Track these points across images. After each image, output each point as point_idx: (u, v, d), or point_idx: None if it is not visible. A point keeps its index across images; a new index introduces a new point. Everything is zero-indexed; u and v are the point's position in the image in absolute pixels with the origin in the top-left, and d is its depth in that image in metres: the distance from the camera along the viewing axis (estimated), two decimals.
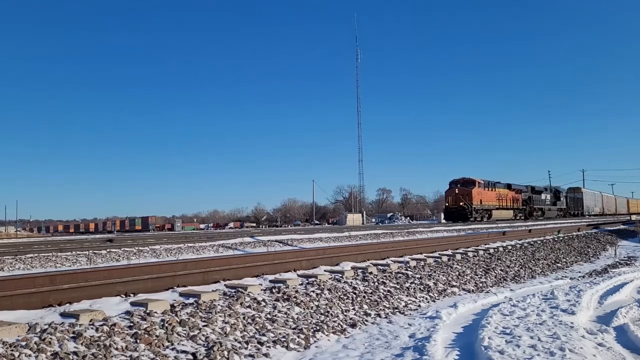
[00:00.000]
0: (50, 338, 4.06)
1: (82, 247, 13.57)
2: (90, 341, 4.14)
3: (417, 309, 6.94)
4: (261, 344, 4.75)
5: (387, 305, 6.87)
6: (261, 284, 6.87)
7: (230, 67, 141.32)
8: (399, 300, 7.25)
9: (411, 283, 8.26)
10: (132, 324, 4.64)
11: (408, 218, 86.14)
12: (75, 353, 3.90)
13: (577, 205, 72.73)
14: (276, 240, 17.29)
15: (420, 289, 8.06)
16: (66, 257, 11.60)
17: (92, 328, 4.42)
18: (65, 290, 5.65)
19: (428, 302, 7.50)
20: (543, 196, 61.01)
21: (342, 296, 6.81)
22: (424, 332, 5.39)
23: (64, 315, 4.81)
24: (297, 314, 5.80)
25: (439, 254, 11.76)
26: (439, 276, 9.07)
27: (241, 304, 5.74)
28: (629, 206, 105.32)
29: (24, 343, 3.93)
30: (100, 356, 3.92)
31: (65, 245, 13.99)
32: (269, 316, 5.53)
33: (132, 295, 5.94)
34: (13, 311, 4.90)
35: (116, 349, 4.11)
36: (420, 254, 11.75)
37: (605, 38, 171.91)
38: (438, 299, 7.74)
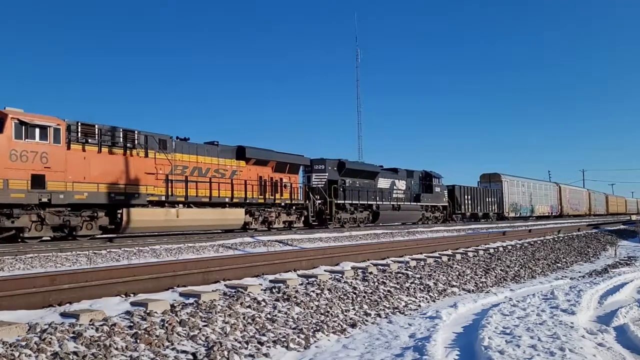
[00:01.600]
0: (51, 338, 4.06)
1: (82, 247, 13.57)
2: (90, 341, 4.14)
3: (417, 309, 6.94)
4: (261, 344, 4.75)
5: (387, 305, 6.87)
6: (261, 284, 6.88)
7: (230, 65, 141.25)
8: (399, 300, 7.25)
9: (411, 283, 8.26)
10: (132, 324, 4.64)
11: None
12: (75, 353, 3.90)
13: (490, 201, 45.82)
14: (276, 240, 17.29)
15: (420, 289, 8.06)
16: (66, 257, 11.61)
17: (92, 328, 4.42)
18: (66, 290, 5.65)
19: (428, 302, 7.50)
20: (384, 182, 32.29)
21: (342, 296, 6.81)
22: (424, 332, 5.39)
23: (64, 315, 4.82)
24: (297, 314, 5.80)
25: (439, 253, 11.77)
26: (439, 276, 9.07)
27: (241, 304, 5.74)
28: (608, 205, 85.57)
29: (24, 343, 3.93)
30: (100, 356, 3.92)
31: (65, 245, 13.99)
32: (269, 316, 5.53)
33: (132, 295, 5.94)
34: (13, 311, 4.90)
35: (116, 349, 4.11)
36: (420, 254, 11.76)
37: (606, 37, 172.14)
38: (438, 299, 7.74)
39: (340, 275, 7.95)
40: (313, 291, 6.74)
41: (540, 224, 38.90)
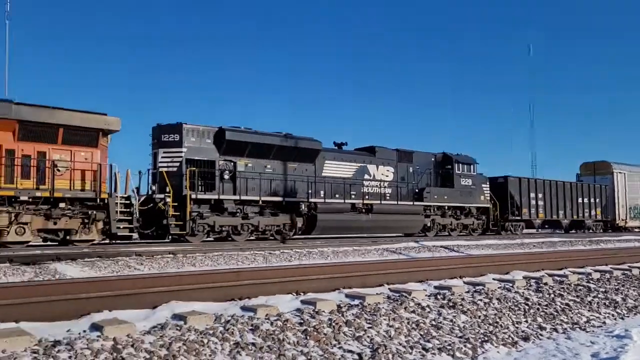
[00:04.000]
0: (233, 329, 4.50)
1: (258, 246, 14.87)
2: (266, 334, 4.50)
3: (601, 326, 6.24)
4: (426, 350, 4.70)
5: (565, 320, 6.30)
6: (425, 290, 6.80)
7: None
8: (579, 314, 6.60)
9: (594, 297, 7.46)
10: (302, 321, 4.92)
11: None
12: (253, 344, 4.26)
13: (588, 202, 31.29)
14: (441, 246, 16.95)
15: (605, 304, 7.24)
16: (246, 256, 12.78)
17: (267, 322, 4.79)
18: (245, 285, 6.20)
19: (615, 319, 6.71)
20: (338, 169, 20.23)
21: (512, 307, 6.42)
22: (610, 352, 4.83)
23: (243, 308, 5.30)
24: (463, 322, 5.61)
25: (628, 265, 10.47)
26: (628, 291, 8.05)
27: (405, 308, 5.74)
28: None
29: (211, 332, 4.42)
30: (275, 349, 4.23)
31: (245, 245, 15.48)
32: (433, 322, 5.45)
33: (302, 293, 6.29)
34: (203, 302, 5.53)
35: (289, 343, 4.40)
36: (605, 265, 10.59)
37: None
38: (627, 317, 6.87)
39: (511, 284, 7.51)
40: (480, 300, 6.46)
41: None
